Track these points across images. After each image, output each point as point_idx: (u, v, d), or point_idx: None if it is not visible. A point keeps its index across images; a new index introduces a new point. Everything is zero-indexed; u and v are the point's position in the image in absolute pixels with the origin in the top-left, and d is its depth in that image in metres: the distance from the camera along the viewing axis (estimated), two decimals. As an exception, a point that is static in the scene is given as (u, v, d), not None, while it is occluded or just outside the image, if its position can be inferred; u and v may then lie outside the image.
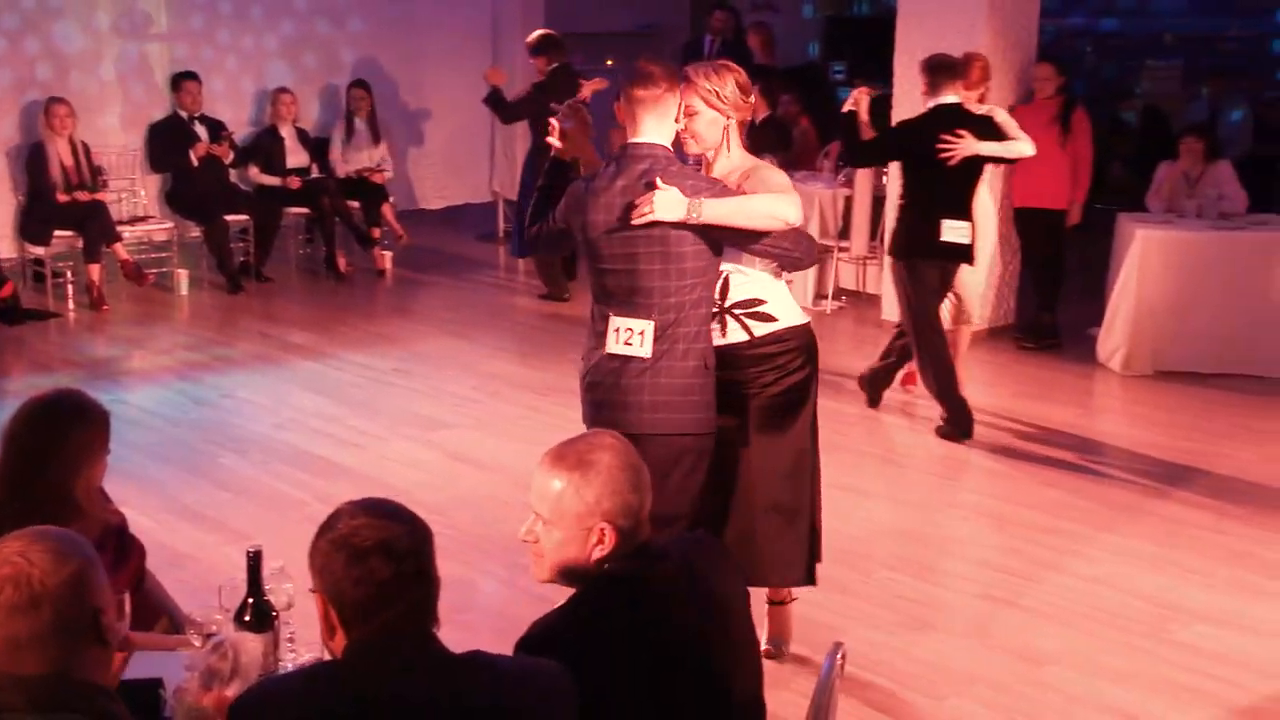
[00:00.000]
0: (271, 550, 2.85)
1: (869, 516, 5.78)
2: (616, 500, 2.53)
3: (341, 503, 2.28)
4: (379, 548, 2.15)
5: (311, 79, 11.31)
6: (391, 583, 2.15)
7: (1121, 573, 5.18)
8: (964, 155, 6.35)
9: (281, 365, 7.93)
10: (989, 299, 8.65)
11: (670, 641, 2.49)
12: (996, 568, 5.22)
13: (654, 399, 3.80)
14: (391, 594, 2.15)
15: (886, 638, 4.61)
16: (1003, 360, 8.18)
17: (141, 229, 9.77)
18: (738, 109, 3.99)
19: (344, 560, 2.16)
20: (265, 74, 11.02)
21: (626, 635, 2.46)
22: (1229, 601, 4.96)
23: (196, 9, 10.69)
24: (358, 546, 2.16)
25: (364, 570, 2.14)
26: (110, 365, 7.94)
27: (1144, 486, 6.10)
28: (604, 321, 3.86)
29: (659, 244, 3.72)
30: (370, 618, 2.15)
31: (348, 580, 2.15)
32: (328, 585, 2.18)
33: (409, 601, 2.17)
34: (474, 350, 8.26)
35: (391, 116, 11.25)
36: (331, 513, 2.25)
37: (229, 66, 10.86)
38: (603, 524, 2.52)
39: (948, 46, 8.28)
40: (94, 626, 2.05)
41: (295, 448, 6.47)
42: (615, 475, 2.54)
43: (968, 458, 6.55)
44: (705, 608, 2.58)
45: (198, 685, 2.57)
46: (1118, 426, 7.16)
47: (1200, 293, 7.71)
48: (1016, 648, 4.58)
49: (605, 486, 2.52)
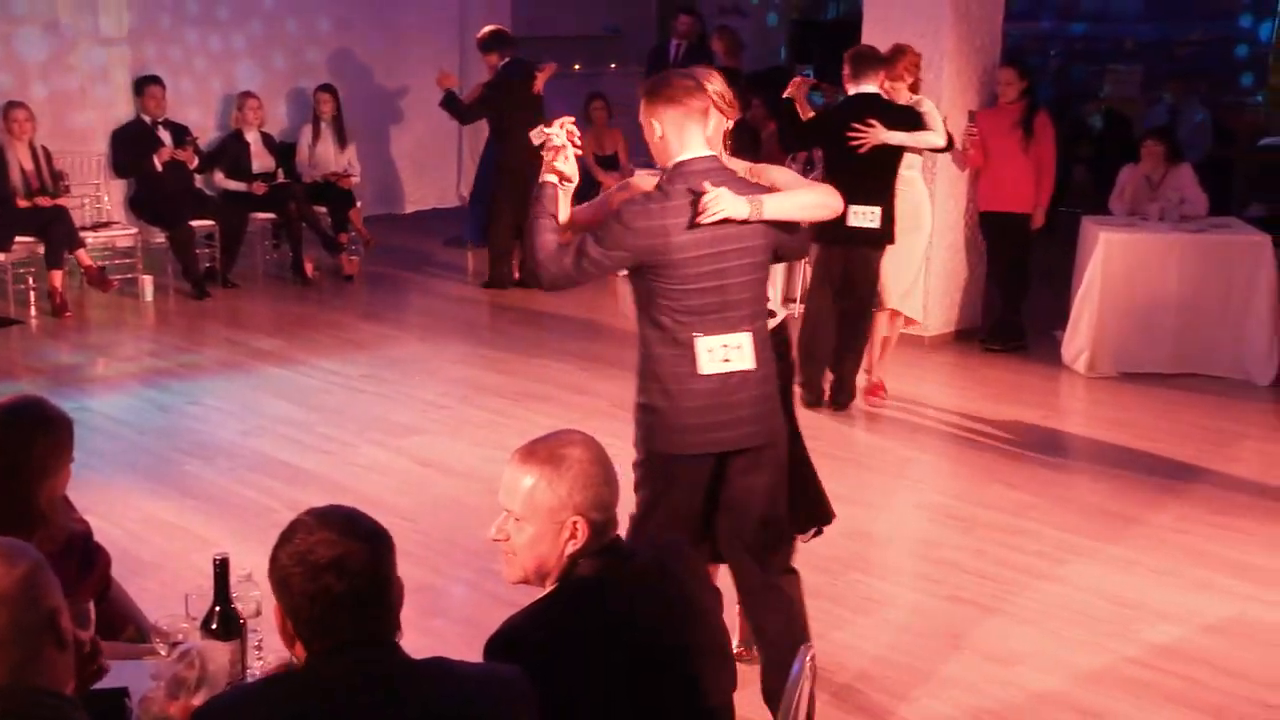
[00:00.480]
0: (239, 558, 2.83)
1: (838, 519, 5.78)
2: (588, 493, 2.54)
3: (302, 513, 2.26)
4: (333, 565, 2.14)
5: (279, 83, 11.29)
6: (345, 599, 2.14)
7: (1087, 573, 5.22)
8: (872, 144, 6.61)
9: (249, 372, 7.88)
10: (955, 301, 8.71)
11: (641, 642, 2.49)
12: (964, 569, 5.25)
13: (762, 409, 3.75)
14: (346, 610, 2.14)
15: (856, 639, 4.63)
16: (969, 363, 8.23)
17: (105, 234, 9.70)
18: (732, 111, 3.98)
19: (300, 575, 2.15)
20: (231, 78, 10.98)
21: (597, 635, 2.46)
22: (1193, 600, 5.00)
23: (161, 12, 10.64)
24: (313, 563, 2.14)
25: (318, 586, 2.13)
26: (74, 372, 7.88)
27: (1108, 487, 6.15)
28: (685, 345, 3.67)
29: (748, 255, 3.65)
30: (326, 634, 2.15)
31: (303, 596, 2.14)
32: (283, 598, 2.18)
33: (366, 617, 2.16)
34: (442, 355, 8.24)
35: (359, 121, 11.21)
36: (291, 522, 2.24)
37: (194, 70, 10.83)
38: (575, 517, 2.53)
39: (912, 50, 8.34)
40: (51, 628, 2.03)
41: (263, 455, 6.44)
42: (587, 469, 2.55)
43: (935, 460, 6.58)
44: (675, 609, 2.59)
45: (164, 694, 2.55)
46: (1083, 428, 7.21)
47: (1162, 295, 7.78)
48: (985, 648, 4.60)
49: (577, 480, 2.54)
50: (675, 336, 3.66)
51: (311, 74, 11.33)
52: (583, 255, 3.61)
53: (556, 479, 2.54)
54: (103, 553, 3.29)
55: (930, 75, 8.25)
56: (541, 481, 2.54)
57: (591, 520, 2.54)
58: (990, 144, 8.21)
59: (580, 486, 2.54)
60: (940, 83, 8.28)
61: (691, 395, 3.66)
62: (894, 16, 8.40)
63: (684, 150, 3.66)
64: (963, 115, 8.31)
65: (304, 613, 2.15)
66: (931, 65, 8.22)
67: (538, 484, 2.54)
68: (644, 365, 3.72)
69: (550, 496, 2.54)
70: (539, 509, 2.54)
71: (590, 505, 2.54)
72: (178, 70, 10.46)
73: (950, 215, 8.56)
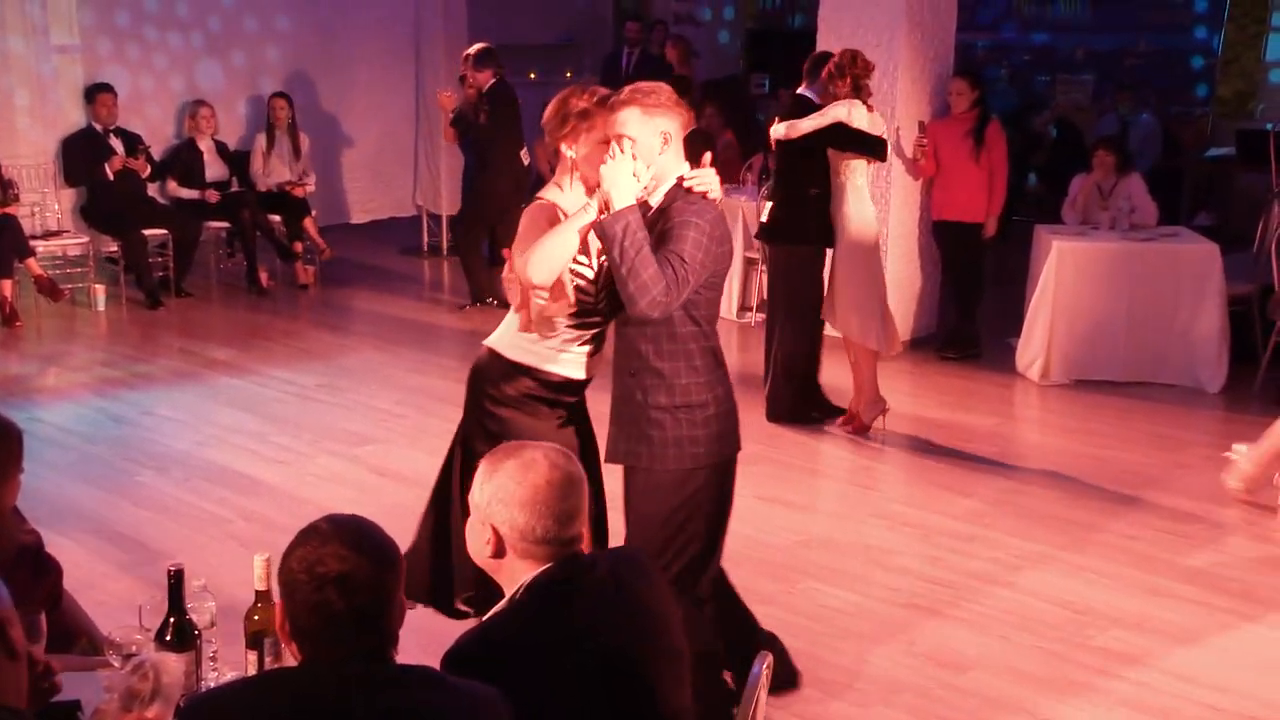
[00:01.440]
0: (193, 568, 2.83)
1: (792, 527, 5.83)
2: (507, 511, 2.51)
3: (322, 517, 2.26)
4: (338, 581, 2.16)
5: (233, 90, 11.23)
6: (346, 615, 2.16)
7: (1039, 579, 5.27)
8: (774, 138, 6.89)
9: (202, 382, 7.84)
10: (910, 310, 8.78)
11: (600, 650, 2.50)
12: (919, 576, 5.29)
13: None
14: (345, 625, 2.17)
15: (811, 647, 4.65)
16: (924, 370, 8.29)
17: (56, 243, 9.61)
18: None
19: (305, 584, 2.17)
20: (184, 86, 10.92)
21: (556, 644, 2.47)
22: (1142, 606, 5.06)
23: (112, 16, 10.56)
24: (320, 574, 2.16)
25: (321, 598, 2.16)
26: (24, 383, 7.81)
27: (1061, 495, 6.21)
28: (713, 354, 3.72)
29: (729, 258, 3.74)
30: (322, 643, 2.18)
31: (305, 604, 2.17)
32: (287, 601, 2.20)
33: (364, 632, 2.18)
34: (398, 364, 8.22)
35: (313, 129, 11.17)
36: (309, 525, 2.25)
37: (145, 78, 10.75)
38: (491, 526, 2.54)
39: (866, 61, 8.40)
40: (1, 639, 2.01)
41: (217, 465, 6.40)
42: (510, 487, 2.52)
43: (890, 468, 6.63)
44: (633, 618, 2.60)
45: (117, 707, 2.53)
46: (1036, 435, 7.29)
47: (1114, 303, 7.87)
48: (939, 655, 4.64)
49: (497, 492, 2.53)
50: (702, 347, 3.68)
51: (264, 83, 11.28)
52: (684, 279, 3.49)
53: (485, 481, 2.55)
54: (54, 564, 3.27)
55: (885, 84, 8.32)
56: (479, 476, 2.57)
57: (505, 536, 2.52)
58: (942, 154, 8.29)
59: (499, 500, 2.52)
60: (895, 92, 8.35)
61: (721, 402, 3.73)
62: (847, 26, 8.46)
63: (682, 165, 3.66)
64: (916, 124, 8.39)
65: (303, 621, 2.17)
66: (886, 74, 8.30)
67: (478, 476, 2.57)
68: (680, 364, 3.66)
69: (477, 493, 2.56)
70: (471, 501, 2.58)
71: (506, 521, 2.51)
72: (133, 76, 10.38)
73: (905, 224, 8.64)
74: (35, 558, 3.19)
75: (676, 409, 3.66)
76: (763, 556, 5.46)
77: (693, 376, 3.67)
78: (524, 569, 2.54)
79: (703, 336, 3.68)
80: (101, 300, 9.48)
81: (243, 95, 11.31)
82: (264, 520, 5.66)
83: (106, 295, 9.52)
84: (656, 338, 3.64)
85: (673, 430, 3.67)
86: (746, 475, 4.41)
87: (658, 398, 3.66)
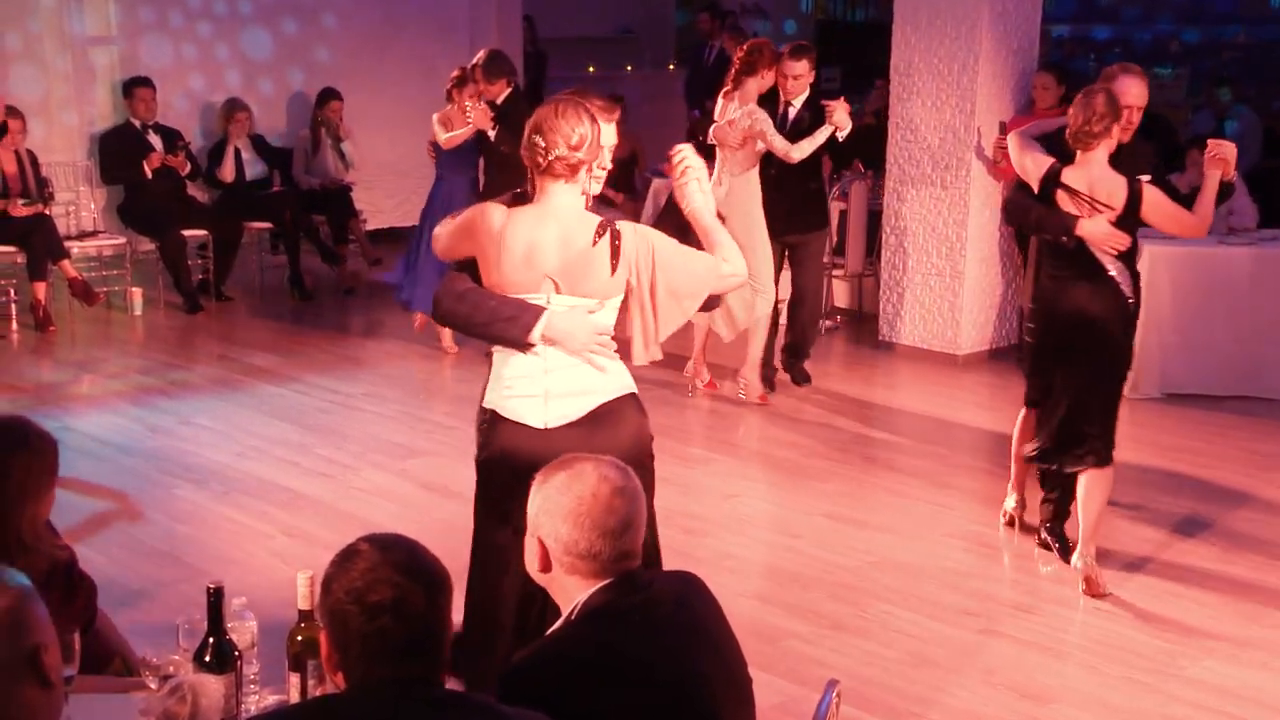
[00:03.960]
0: (233, 586, 2.84)
1: (864, 548, 5.79)
2: (554, 523, 2.53)
3: (361, 538, 2.28)
4: (394, 607, 2.17)
5: (277, 86, 11.31)
6: (401, 643, 2.18)
7: (1127, 605, 5.20)
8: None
9: (243, 390, 7.90)
10: (989, 318, 8.70)
11: (658, 679, 2.49)
12: (999, 601, 5.23)
13: None
14: (399, 652, 2.18)
15: (883, 674, 4.61)
16: (1006, 382, 8.20)
17: (91, 244, 9.73)
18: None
19: (357, 613, 2.18)
20: (225, 81, 11.01)
21: (611, 668, 2.46)
22: (1238, 634, 4.98)
23: (149, 9, 10.66)
24: (372, 603, 2.17)
25: (375, 628, 2.17)
26: (58, 390, 7.91)
27: (1150, 515, 6.13)
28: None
29: None
30: (374, 669, 2.18)
31: (357, 635, 2.18)
32: (336, 631, 2.21)
33: (417, 658, 2.20)
34: (447, 373, 8.26)
35: (361, 131, 11.23)
36: (348, 549, 2.25)
37: (187, 73, 10.85)
38: (538, 538, 2.55)
39: (945, 53, 8.39)
40: (33, 667, 2.01)
41: (258, 478, 6.45)
42: (559, 499, 2.53)
43: (969, 486, 6.56)
44: (691, 642, 2.58)
45: (154, 731, 2.55)
46: (1124, 452, 7.14)
47: (1210, 311, 7.76)
48: (1018, 684, 4.59)
49: (545, 503, 2.55)
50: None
51: (311, 77, 11.35)
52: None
53: (536, 492, 2.58)
54: (87, 581, 3.30)
55: (964, 79, 8.28)
56: (533, 488, 2.59)
57: (551, 549, 2.53)
58: (1026, 152, 8.19)
59: (545, 512, 2.54)
60: (975, 86, 8.28)
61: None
62: (924, 17, 8.41)
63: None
64: (998, 120, 8.33)
65: (355, 649, 2.18)
66: (966, 69, 8.25)
67: (532, 488, 2.59)
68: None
69: (530, 505, 2.58)
70: (527, 514, 2.59)
71: (551, 535, 2.53)
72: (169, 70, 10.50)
73: (984, 228, 8.56)
74: (67, 574, 3.21)
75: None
76: (834, 578, 5.42)
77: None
78: (575, 585, 2.54)
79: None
80: (139, 304, 9.58)
81: (286, 92, 11.38)
82: (306, 536, 5.69)
83: (144, 299, 9.62)
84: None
85: None
86: (814, 492, 4.40)
87: None
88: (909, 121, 8.60)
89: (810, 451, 6.96)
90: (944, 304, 8.60)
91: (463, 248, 3.78)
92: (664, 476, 3.87)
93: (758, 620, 4.90)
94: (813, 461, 6.82)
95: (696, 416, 7.49)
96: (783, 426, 7.31)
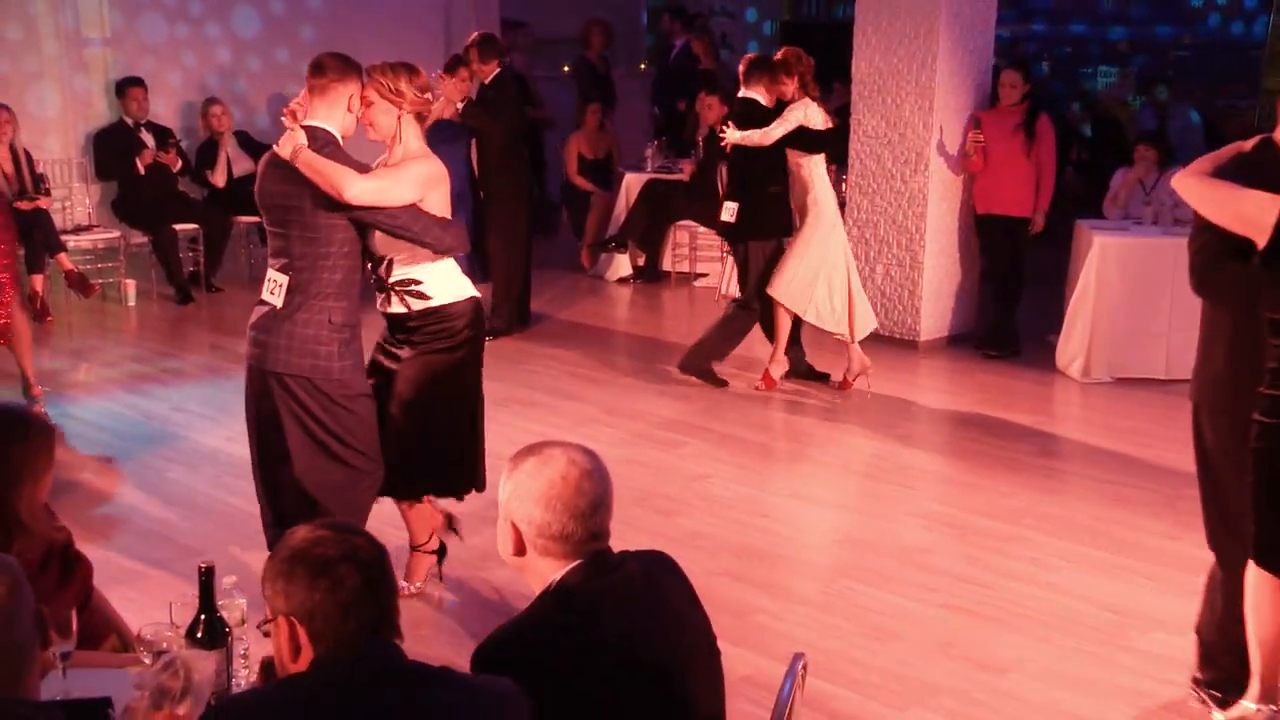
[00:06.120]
0: (224, 566, 2.83)
1: (829, 526, 5.81)
2: (526, 507, 2.53)
3: (280, 543, 2.31)
4: (346, 556, 2.20)
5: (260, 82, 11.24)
6: (362, 589, 2.20)
7: (1080, 580, 5.23)
8: (729, 142, 7.26)
9: (233, 377, 7.83)
10: (948, 306, 8.73)
11: (630, 654, 2.49)
12: (957, 576, 5.26)
13: (289, 343, 4.60)
14: (363, 601, 2.20)
15: (847, 648, 4.63)
16: (964, 368, 8.25)
17: (86, 238, 9.68)
18: (412, 104, 4.48)
19: (307, 573, 2.19)
20: (212, 79, 10.95)
21: (584, 646, 2.47)
22: (1186, 607, 5.00)
23: (141, 11, 10.60)
24: (322, 557, 2.20)
25: (333, 579, 2.19)
26: (55, 378, 7.85)
27: (1102, 494, 6.17)
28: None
29: (297, 213, 4.39)
30: (342, 627, 2.19)
31: (317, 590, 2.19)
32: (293, 603, 2.21)
33: (378, 608, 2.22)
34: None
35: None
36: (282, 538, 2.29)
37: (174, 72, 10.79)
38: (511, 522, 2.56)
39: (904, 52, 8.42)
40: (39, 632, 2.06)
41: (248, 461, 6.37)
42: (530, 484, 2.54)
43: (928, 467, 6.60)
44: (662, 618, 2.59)
45: (148, 704, 2.54)
46: (1077, 434, 7.23)
47: (1157, 299, 7.79)
48: (977, 657, 4.61)
49: (517, 489, 2.55)
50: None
51: (291, 71, 11.27)
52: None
53: (506, 478, 2.58)
54: (84, 561, 3.29)
55: (922, 77, 8.29)
56: (503, 475, 2.60)
57: (524, 533, 2.53)
58: (990, 147, 8.21)
59: (517, 496, 2.55)
60: (933, 84, 8.30)
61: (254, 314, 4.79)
62: (885, 17, 8.43)
63: (311, 117, 4.46)
64: (955, 116, 8.35)
65: (319, 605, 2.19)
66: (924, 67, 8.27)
67: (502, 476, 2.60)
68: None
69: (500, 492, 2.59)
70: (499, 500, 2.60)
71: (524, 518, 2.53)
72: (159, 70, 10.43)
73: (943, 219, 8.59)
74: (65, 555, 3.21)
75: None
76: (799, 555, 5.44)
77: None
78: (548, 567, 2.55)
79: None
80: (132, 295, 9.55)
81: (269, 89, 11.30)
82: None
83: (137, 290, 9.58)
84: None
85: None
86: (782, 473, 4.42)
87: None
88: (871, 119, 8.62)
89: (778, 434, 6.98)
90: (904, 293, 8.63)
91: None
92: (639, 459, 3.87)
93: (727, 596, 4.92)
94: (780, 444, 6.84)
95: (668, 403, 7.50)
96: (752, 411, 7.32)
